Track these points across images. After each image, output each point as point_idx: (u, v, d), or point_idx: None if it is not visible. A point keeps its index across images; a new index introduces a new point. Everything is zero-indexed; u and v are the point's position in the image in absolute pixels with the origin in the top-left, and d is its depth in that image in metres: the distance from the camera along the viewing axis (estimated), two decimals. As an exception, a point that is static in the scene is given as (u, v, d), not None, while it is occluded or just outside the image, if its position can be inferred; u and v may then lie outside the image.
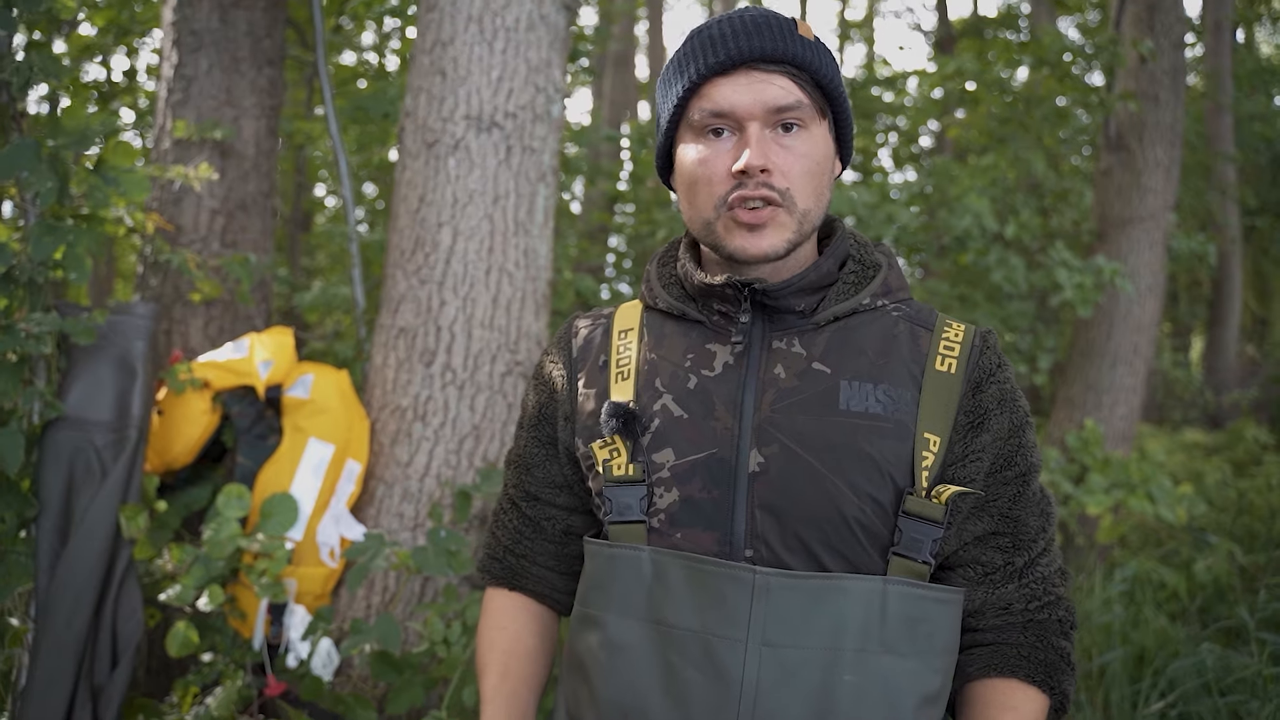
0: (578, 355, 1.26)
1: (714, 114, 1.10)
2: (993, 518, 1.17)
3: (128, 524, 2.30)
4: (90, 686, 2.27)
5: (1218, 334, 11.40)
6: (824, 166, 1.13)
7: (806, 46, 1.11)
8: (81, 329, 2.24)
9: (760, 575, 1.06)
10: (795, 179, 1.10)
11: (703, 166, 1.12)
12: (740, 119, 1.09)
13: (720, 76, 1.10)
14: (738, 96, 1.09)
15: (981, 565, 1.18)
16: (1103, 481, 4.98)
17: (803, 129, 1.11)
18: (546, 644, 1.34)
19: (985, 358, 1.17)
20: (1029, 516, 1.19)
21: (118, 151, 2.38)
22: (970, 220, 5.36)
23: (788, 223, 1.11)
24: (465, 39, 2.74)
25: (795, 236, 1.12)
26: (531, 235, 2.80)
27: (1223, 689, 3.43)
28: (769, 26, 1.10)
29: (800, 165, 1.10)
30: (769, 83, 1.09)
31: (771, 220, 1.10)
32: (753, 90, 1.09)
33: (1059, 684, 1.18)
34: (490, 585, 1.37)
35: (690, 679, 1.07)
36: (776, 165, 1.09)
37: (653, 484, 1.13)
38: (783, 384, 1.13)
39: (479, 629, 1.35)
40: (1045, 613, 1.20)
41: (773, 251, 1.11)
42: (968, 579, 1.18)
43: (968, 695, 1.20)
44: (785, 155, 1.10)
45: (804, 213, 1.12)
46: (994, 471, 1.16)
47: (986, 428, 1.14)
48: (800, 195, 1.11)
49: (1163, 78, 5.57)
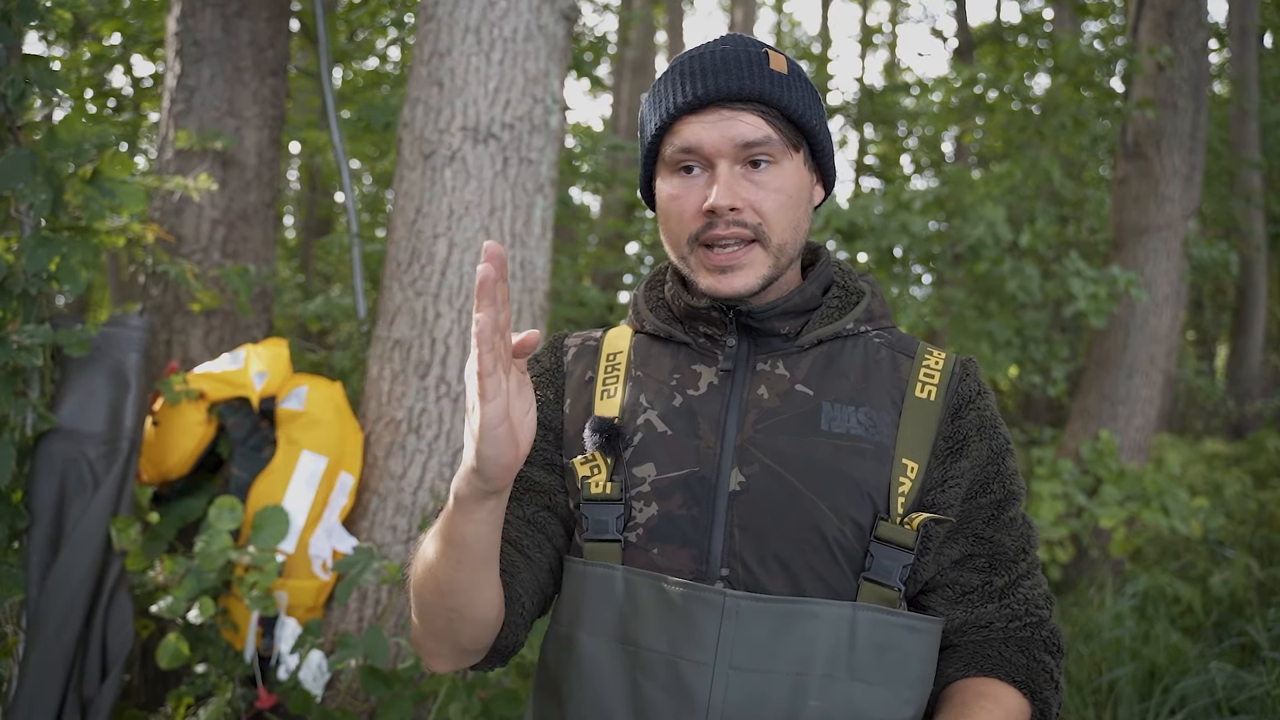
0: (566, 370, 1.26)
1: (684, 150, 1.11)
2: (968, 540, 1.16)
3: (119, 536, 2.30)
4: (79, 698, 2.27)
5: (1241, 343, 11.26)
6: (798, 199, 1.13)
7: (776, 81, 1.11)
8: (74, 341, 2.25)
9: (730, 598, 1.06)
10: (768, 214, 1.10)
11: (675, 203, 1.13)
12: (709, 156, 1.10)
13: (690, 114, 1.11)
14: (706, 134, 1.09)
15: (959, 586, 1.17)
16: (1117, 494, 4.92)
17: (773, 164, 1.11)
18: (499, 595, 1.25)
19: (965, 385, 1.17)
20: (1006, 539, 1.17)
21: (114, 163, 2.39)
22: (984, 229, 5.32)
23: (762, 259, 1.11)
24: (463, 50, 2.74)
25: (770, 272, 1.12)
26: (528, 247, 2.79)
27: (1233, 708, 3.37)
28: (739, 63, 1.10)
29: (773, 200, 1.10)
30: (737, 120, 1.09)
31: (745, 259, 1.10)
32: (721, 128, 1.09)
33: (1040, 691, 1.15)
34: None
35: (656, 700, 1.06)
36: (747, 202, 1.09)
37: (632, 498, 1.13)
38: (765, 404, 1.13)
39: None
40: (1028, 631, 1.18)
41: (746, 290, 1.11)
42: (946, 599, 1.17)
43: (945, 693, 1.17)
44: (756, 191, 1.10)
45: (780, 246, 1.12)
46: (970, 497, 1.15)
47: (965, 454, 1.14)
48: (775, 230, 1.11)
49: (1182, 85, 5.50)
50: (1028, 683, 1.15)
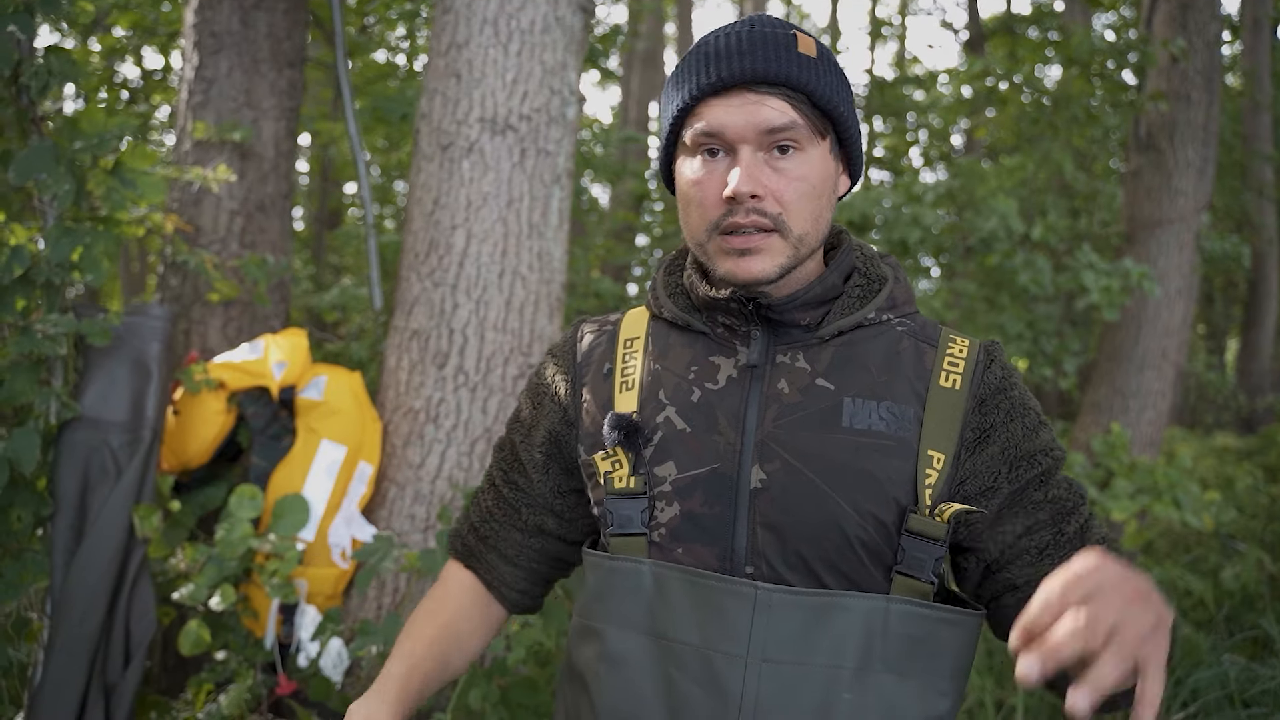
0: (582, 361, 1.25)
1: (706, 134, 1.08)
2: (1027, 510, 1.14)
3: (141, 523, 2.32)
4: (103, 684, 2.30)
5: (1252, 336, 11.22)
6: (822, 188, 1.10)
7: (804, 65, 1.07)
8: (97, 330, 2.27)
9: (762, 591, 1.05)
10: (789, 203, 1.07)
11: (696, 188, 1.10)
12: (732, 141, 1.07)
13: (714, 97, 1.07)
14: (730, 118, 1.06)
15: (1034, 548, 1.13)
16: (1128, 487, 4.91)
17: (799, 151, 1.08)
18: (481, 632, 1.34)
19: (990, 373, 1.14)
20: (1062, 494, 1.15)
21: (135, 154, 2.41)
22: (996, 221, 5.31)
23: (781, 248, 1.08)
24: (480, 41, 2.75)
25: (789, 261, 1.10)
26: (545, 238, 2.80)
27: (1246, 700, 3.38)
28: (765, 44, 1.07)
29: (795, 189, 1.07)
30: (762, 104, 1.06)
31: (763, 245, 1.08)
32: (745, 111, 1.06)
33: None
34: (451, 557, 1.39)
35: (689, 693, 1.06)
36: (769, 189, 1.06)
37: (654, 497, 1.12)
38: (786, 399, 1.11)
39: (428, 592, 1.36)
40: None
41: (764, 276, 1.09)
42: (1027, 563, 1.13)
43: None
44: (778, 179, 1.07)
45: (800, 237, 1.09)
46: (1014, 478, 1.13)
47: (995, 439, 1.12)
48: (796, 219, 1.08)
49: (1195, 77, 5.48)
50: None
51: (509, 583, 1.34)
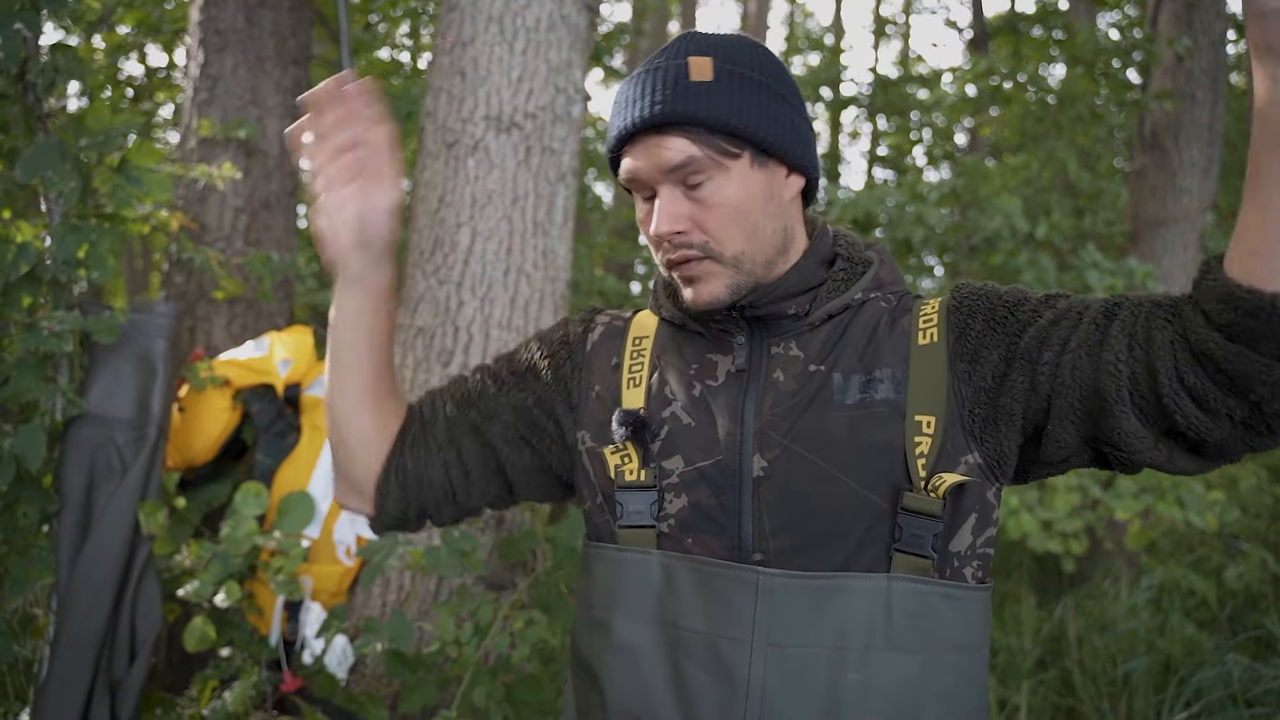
0: (592, 348, 1.28)
1: (629, 181, 1.14)
2: (1039, 337, 1.07)
3: (146, 520, 2.33)
4: (109, 680, 2.30)
5: (1257, 336, 11.18)
6: (749, 205, 1.10)
7: (694, 95, 1.07)
8: (103, 327, 2.27)
9: (764, 576, 1.08)
10: (714, 230, 1.10)
11: (643, 228, 1.16)
12: (648, 184, 1.12)
13: (627, 145, 1.13)
14: (638, 164, 1.11)
15: (1077, 349, 1.04)
16: (1132, 486, 4.91)
17: (709, 179, 1.09)
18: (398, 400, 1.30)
19: (959, 308, 1.13)
20: (1061, 303, 1.09)
21: (141, 151, 2.41)
22: (1000, 220, 5.31)
23: (720, 272, 1.12)
24: (485, 39, 2.75)
25: (738, 279, 1.12)
26: (550, 236, 2.80)
27: (1249, 700, 3.38)
28: (658, 85, 1.09)
29: (716, 216, 1.09)
30: (660, 146, 1.09)
31: (701, 272, 1.12)
32: (648, 156, 1.10)
33: None
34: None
35: (698, 680, 1.09)
36: (692, 221, 1.10)
37: (663, 490, 1.15)
38: (782, 388, 1.14)
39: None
40: (1170, 301, 1.02)
41: (715, 301, 1.12)
42: (1087, 364, 1.03)
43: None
44: (699, 209, 1.10)
45: (735, 257, 1.11)
46: (1010, 347, 1.08)
47: (986, 344, 1.09)
48: (726, 243, 1.10)
49: (1200, 76, 5.48)
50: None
51: (428, 463, 1.28)
